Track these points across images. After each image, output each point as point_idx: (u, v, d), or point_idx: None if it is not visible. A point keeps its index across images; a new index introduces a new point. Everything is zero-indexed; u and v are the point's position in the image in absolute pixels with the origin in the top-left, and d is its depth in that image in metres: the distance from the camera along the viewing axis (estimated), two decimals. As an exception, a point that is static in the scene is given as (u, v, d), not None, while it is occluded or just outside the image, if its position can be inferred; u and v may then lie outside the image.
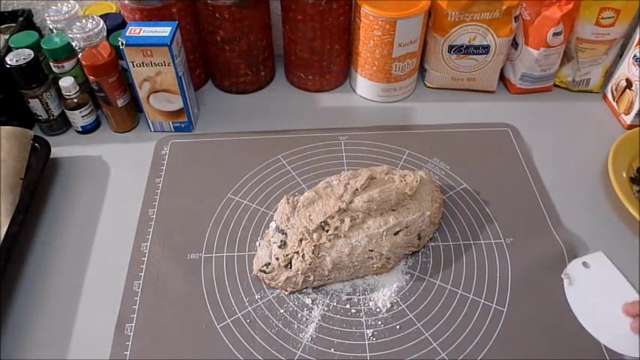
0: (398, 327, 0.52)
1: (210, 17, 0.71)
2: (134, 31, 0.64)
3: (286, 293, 0.54)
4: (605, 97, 0.79)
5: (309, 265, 0.53)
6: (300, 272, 0.53)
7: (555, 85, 0.81)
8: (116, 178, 0.68)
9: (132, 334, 0.52)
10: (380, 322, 0.52)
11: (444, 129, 0.74)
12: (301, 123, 0.75)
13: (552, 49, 0.73)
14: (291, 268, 0.53)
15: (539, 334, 0.51)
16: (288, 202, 0.58)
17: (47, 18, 0.70)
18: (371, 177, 0.58)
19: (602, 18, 0.71)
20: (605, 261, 0.57)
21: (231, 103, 0.79)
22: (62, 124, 0.73)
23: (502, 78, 0.82)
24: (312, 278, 0.54)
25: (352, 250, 0.54)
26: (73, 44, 0.67)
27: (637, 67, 0.71)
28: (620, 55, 0.76)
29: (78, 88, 0.69)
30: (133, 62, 0.65)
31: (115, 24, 0.70)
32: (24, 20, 0.77)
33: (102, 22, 0.67)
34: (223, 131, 0.74)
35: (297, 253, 0.54)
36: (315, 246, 0.54)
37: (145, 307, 0.54)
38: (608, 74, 0.78)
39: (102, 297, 0.55)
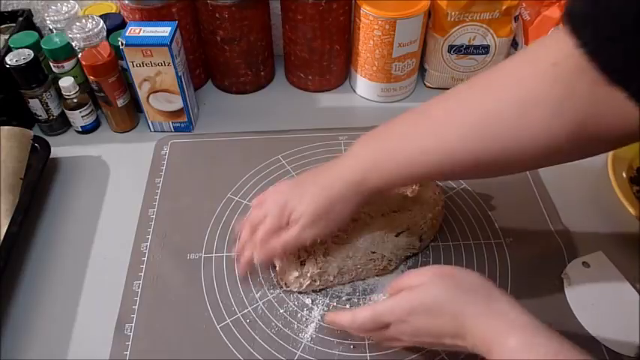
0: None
1: (210, 17, 0.71)
2: (134, 31, 0.64)
3: (287, 289, 0.54)
4: (605, 97, 0.79)
5: (319, 269, 0.53)
6: (309, 275, 0.53)
7: (555, 85, 0.81)
8: (116, 178, 0.68)
9: (132, 334, 0.52)
10: (380, 322, 0.52)
11: (444, 129, 0.74)
12: (301, 123, 0.75)
13: (552, 49, 0.73)
14: (303, 267, 0.53)
15: (539, 334, 0.51)
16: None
17: (47, 18, 0.70)
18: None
19: (602, 18, 0.71)
20: (605, 261, 0.57)
21: (231, 103, 0.79)
22: (62, 124, 0.73)
23: (502, 78, 0.81)
24: (317, 283, 0.53)
25: (355, 252, 0.54)
26: (73, 44, 0.67)
27: (637, 67, 0.71)
28: (620, 55, 0.76)
29: (78, 88, 0.69)
30: (132, 62, 0.65)
31: (115, 24, 0.70)
32: (24, 20, 0.77)
33: (102, 22, 0.67)
34: (223, 131, 0.74)
35: (311, 254, 0.54)
36: (325, 248, 0.54)
37: (145, 307, 0.54)
38: (608, 74, 0.78)
39: (102, 297, 0.55)
